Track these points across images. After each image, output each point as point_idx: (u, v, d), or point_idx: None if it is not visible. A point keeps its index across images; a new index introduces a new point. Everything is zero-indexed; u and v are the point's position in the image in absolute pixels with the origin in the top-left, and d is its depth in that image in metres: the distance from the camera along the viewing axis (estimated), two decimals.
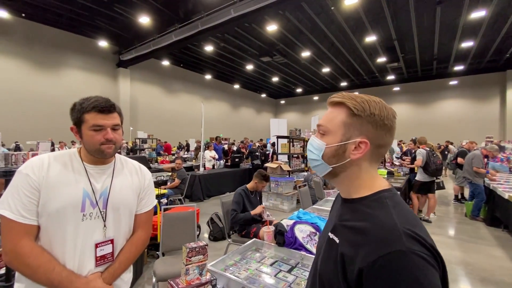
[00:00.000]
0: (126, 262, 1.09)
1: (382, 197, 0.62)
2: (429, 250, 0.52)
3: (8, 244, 0.89)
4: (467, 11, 9.64)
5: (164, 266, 2.23)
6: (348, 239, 0.60)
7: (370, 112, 0.62)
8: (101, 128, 0.97)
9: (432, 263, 0.51)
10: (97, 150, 0.99)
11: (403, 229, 0.53)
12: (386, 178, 5.62)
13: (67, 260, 0.95)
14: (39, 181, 0.92)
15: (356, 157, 0.63)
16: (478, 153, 5.29)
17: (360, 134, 0.63)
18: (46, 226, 0.94)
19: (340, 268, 0.58)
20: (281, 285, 1.43)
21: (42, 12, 10.64)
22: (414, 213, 0.63)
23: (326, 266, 0.64)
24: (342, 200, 0.71)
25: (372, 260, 0.51)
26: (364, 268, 0.52)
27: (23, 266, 0.89)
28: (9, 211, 0.89)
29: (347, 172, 0.66)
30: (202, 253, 1.29)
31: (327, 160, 0.66)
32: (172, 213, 2.65)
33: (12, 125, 10.38)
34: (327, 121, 0.67)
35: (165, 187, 5.18)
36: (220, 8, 9.00)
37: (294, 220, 2.08)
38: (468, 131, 17.04)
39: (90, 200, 0.99)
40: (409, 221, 0.56)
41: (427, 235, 0.55)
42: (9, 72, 10.80)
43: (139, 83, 15.59)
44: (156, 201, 1.29)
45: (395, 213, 0.57)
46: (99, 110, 0.96)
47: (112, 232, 1.05)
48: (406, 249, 0.50)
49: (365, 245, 0.55)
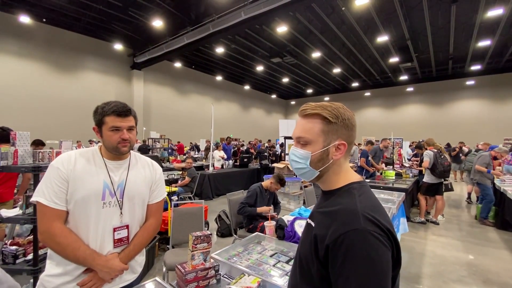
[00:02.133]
0: (140, 245, 1.26)
1: (351, 188, 0.74)
2: (383, 231, 0.62)
3: (43, 225, 1.07)
4: (483, 10, 9.38)
5: (173, 257, 2.40)
6: (320, 222, 0.71)
7: (343, 118, 0.73)
8: (118, 129, 1.14)
9: (385, 242, 0.61)
10: (114, 147, 1.16)
11: (362, 213, 0.64)
12: (394, 180, 5.61)
13: (90, 241, 1.12)
14: (68, 173, 1.10)
15: (337, 158, 0.74)
16: (486, 153, 5.23)
17: (338, 137, 0.73)
18: (73, 212, 1.11)
19: (314, 247, 0.69)
20: (279, 274, 1.55)
21: (61, 17, 11.19)
22: (379, 202, 0.73)
23: (303, 247, 0.76)
24: (322, 192, 0.83)
25: (335, 237, 0.62)
26: (329, 244, 0.63)
27: (54, 244, 1.06)
28: (44, 198, 1.07)
29: (329, 171, 0.76)
30: (206, 241, 1.43)
31: (314, 166, 0.75)
32: (182, 208, 2.82)
33: (34, 124, 10.93)
34: (305, 132, 0.75)
35: (176, 185, 5.39)
36: (231, 11, 9.18)
37: (295, 216, 2.19)
38: (485, 133, 16.48)
39: (109, 190, 1.17)
40: (369, 207, 0.67)
41: (386, 220, 0.66)
42: (31, 74, 11.41)
43: (152, 84, 16.04)
44: (166, 193, 1.45)
45: (358, 200, 0.68)
46: (117, 114, 1.13)
47: (127, 219, 1.21)
48: (362, 228, 0.61)
49: (332, 225, 0.66)
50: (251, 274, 1.46)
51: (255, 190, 3.16)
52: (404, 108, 21.04)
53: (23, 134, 2.20)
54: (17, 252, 2.12)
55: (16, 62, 11.02)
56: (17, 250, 2.13)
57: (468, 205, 6.36)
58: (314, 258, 0.68)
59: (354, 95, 22.61)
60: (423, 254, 3.66)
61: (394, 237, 0.64)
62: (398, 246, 0.65)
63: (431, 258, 3.52)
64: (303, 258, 0.74)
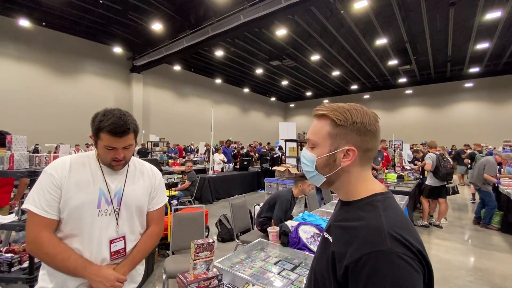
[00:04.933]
0: (143, 252, 1.21)
1: (375, 200, 0.65)
2: (413, 253, 0.54)
3: (30, 234, 1.01)
4: (481, 12, 9.42)
5: (173, 263, 2.33)
6: (339, 238, 0.64)
7: (352, 121, 0.66)
8: (113, 148, 1.07)
9: (415, 266, 0.52)
10: (108, 164, 1.12)
11: (388, 231, 0.56)
12: (395, 183, 5.56)
13: (85, 250, 1.06)
14: (61, 180, 1.04)
15: (346, 164, 0.67)
16: (492, 160, 5.04)
17: (347, 142, 0.66)
18: (68, 220, 1.05)
19: (331, 265, 0.62)
20: (284, 283, 1.50)
21: (61, 20, 11.19)
22: (407, 217, 0.65)
23: (319, 263, 0.69)
24: (341, 203, 0.75)
25: (356, 258, 0.55)
26: (349, 265, 0.56)
27: (42, 254, 1.01)
28: (34, 206, 1.01)
29: (341, 179, 0.69)
30: (209, 250, 1.37)
31: (320, 170, 0.70)
32: (182, 214, 2.76)
33: (33, 128, 10.86)
34: (314, 134, 0.71)
35: (175, 189, 5.32)
36: (230, 14, 9.19)
37: (298, 221, 2.13)
38: (484, 135, 16.50)
39: (105, 198, 1.11)
40: (397, 224, 0.58)
41: (416, 239, 0.57)
42: (30, 78, 11.36)
43: (151, 87, 16.01)
44: (167, 198, 1.39)
45: (383, 216, 0.60)
46: (113, 133, 1.04)
47: (124, 229, 1.15)
48: (388, 250, 0.53)
49: (352, 244, 0.58)
50: (255, 284, 1.41)
51: (288, 201, 2.79)
52: (403, 110, 21.08)
53: (20, 138, 2.15)
54: (13, 260, 2.06)
55: (16, 66, 10.98)
56: (12, 257, 2.06)
57: (472, 207, 6.30)
58: (331, 278, 0.61)
59: (353, 97, 22.64)
60: None
61: (426, 260, 0.56)
62: (430, 270, 0.57)
63: (436, 263, 3.46)
64: (319, 276, 0.67)
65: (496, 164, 5.04)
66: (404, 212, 0.67)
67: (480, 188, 5.00)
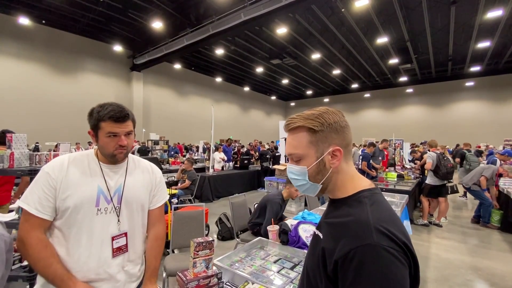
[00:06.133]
0: (158, 256, 1.30)
1: (362, 196, 0.67)
2: (399, 246, 0.56)
3: (21, 232, 1.01)
4: (483, 11, 9.40)
5: (173, 262, 2.34)
6: (329, 234, 0.66)
7: (328, 123, 0.68)
8: (115, 134, 1.07)
9: (400, 258, 0.55)
10: (110, 154, 1.09)
11: (374, 225, 0.58)
12: (396, 182, 5.56)
13: (83, 250, 1.05)
14: (58, 180, 1.03)
15: (336, 165, 0.69)
16: (495, 168, 5.06)
17: (329, 144, 0.68)
18: (65, 220, 1.04)
19: (321, 261, 0.63)
20: (284, 281, 1.50)
21: (61, 18, 11.16)
22: (394, 211, 0.67)
23: (311, 260, 0.70)
24: (330, 201, 0.77)
25: (345, 252, 0.57)
26: (338, 260, 0.58)
27: (27, 256, 1.01)
28: (26, 204, 1.01)
29: (333, 180, 0.71)
30: (208, 248, 1.37)
31: (313, 179, 0.70)
32: (182, 212, 2.76)
33: (33, 126, 10.87)
34: (295, 147, 0.71)
35: (175, 188, 5.33)
36: (230, 12, 9.17)
37: (298, 220, 2.14)
38: (485, 134, 16.50)
39: (104, 196, 1.10)
40: (383, 218, 0.60)
41: (401, 233, 0.59)
42: (30, 76, 11.36)
43: (151, 86, 16.01)
44: (168, 196, 1.40)
45: (370, 211, 0.62)
46: (114, 119, 1.05)
47: (125, 226, 1.15)
48: (375, 243, 0.55)
49: (341, 239, 0.60)
50: (255, 282, 1.41)
51: (278, 204, 2.75)
52: (404, 109, 21.06)
53: (20, 136, 2.15)
54: (13, 258, 2.06)
55: (16, 64, 10.98)
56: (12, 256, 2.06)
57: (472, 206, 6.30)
58: (322, 274, 0.63)
59: (354, 96, 22.62)
60: (427, 257, 3.61)
61: (411, 252, 0.58)
62: (416, 262, 0.59)
63: (435, 262, 3.47)
64: (311, 272, 0.68)
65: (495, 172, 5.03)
66: (390, 206, 0.68)
67: (470, 187, 5.05)
